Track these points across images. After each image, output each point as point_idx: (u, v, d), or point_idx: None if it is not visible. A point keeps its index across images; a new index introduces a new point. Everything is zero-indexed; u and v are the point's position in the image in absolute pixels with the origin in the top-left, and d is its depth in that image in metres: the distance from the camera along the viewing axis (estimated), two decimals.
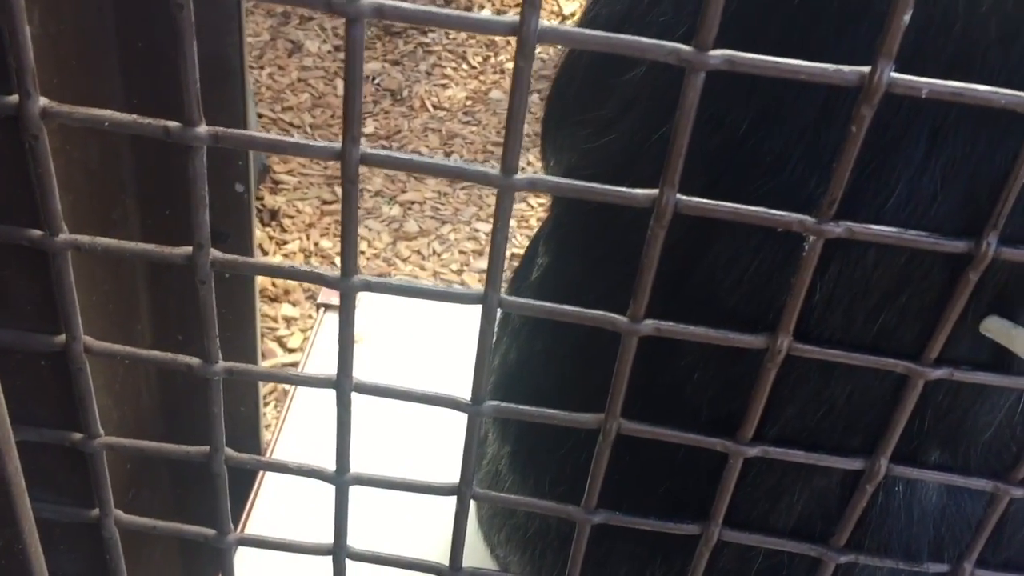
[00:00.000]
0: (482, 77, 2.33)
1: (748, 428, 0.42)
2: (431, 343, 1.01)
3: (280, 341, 1.70)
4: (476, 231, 1.95)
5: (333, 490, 0.47)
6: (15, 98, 0.35)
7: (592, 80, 0.49)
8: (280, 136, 0.34)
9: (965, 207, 0.38)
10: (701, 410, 0.46)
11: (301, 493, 0.86)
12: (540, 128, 0.58)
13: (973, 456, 0.44)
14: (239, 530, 0.86)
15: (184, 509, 0.89)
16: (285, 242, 1.88)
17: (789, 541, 0.47)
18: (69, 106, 0.35)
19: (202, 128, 0.35)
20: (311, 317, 1.74)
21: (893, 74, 0.31)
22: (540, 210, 2.06)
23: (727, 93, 0.40)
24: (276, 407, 1.57)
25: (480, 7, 2.53)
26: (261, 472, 0.90)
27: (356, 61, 0.33)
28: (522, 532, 0.58)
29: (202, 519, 0.50)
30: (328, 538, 0.49)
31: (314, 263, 1.86)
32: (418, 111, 2.20)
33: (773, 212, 0.35)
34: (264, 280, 1.70)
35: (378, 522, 0.84)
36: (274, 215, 1.91)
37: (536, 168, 1.90)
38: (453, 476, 0.45)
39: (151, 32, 0.60)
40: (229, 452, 0.46)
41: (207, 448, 0.46)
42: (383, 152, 0.35)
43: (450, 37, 2.40)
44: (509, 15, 0.33)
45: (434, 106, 2.21)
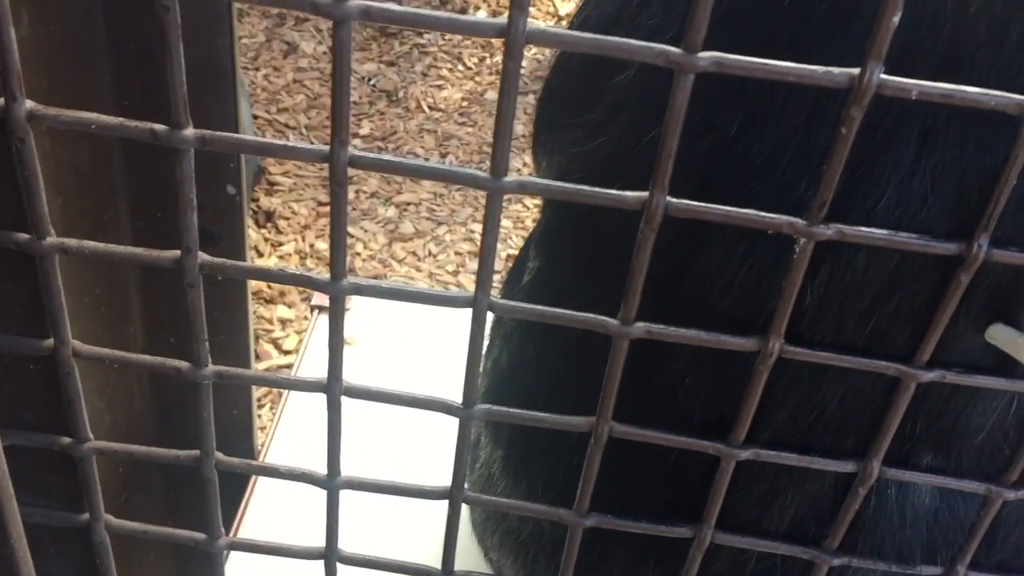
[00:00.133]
0: (478, 78, 2.33)
1: (740, 431, 0.42)
2: (424, 345, 1.00)
3: (275, 343, 1.70)
4: (472, 232, 1.94)
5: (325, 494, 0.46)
6: (1, 101, 0.34)
7: (582, 83, 0.49)
8: (269, 139, 0.34)
9: (956, 209, 0.38)
10: (693, 413, 0.46)
11: (295, 496, 0.86)
12: (532, 130, 0.58)
13: (966, 459, 0.44)
14: (232, 533, 0.86)
15: (177, 512, 0.88)
16: (280, 243, 1.88)
17: (782, 544, 0.47)
18: (56, 109, 0.35)
19: (189, 131, 0.34)
20: (306, 319, 1.74)
21: (883, 76, 0.31)
22: (536, 211, 2.06)
23: (717, 96, 0.40)
24: (271, 409, 1.57)
25: (476, 8, 2.53)
26: (254, 475, 0.90)
27: (344, 63, 0.33)
28: (515, 536, 0.58)
29: (195, 522, 0.49)
30: (321, 541, 0.49)
31: (309, 264, 1.85)
32: (414, 112, 2.20)
33: (763, 215, 0.35)
34: (259, 282, 1.70)
35: (372, 525, 0.84)
36: (269, 217, 1.90)
37: (532, 170, 1.90)
38: (446, 479, 0.45)
39: (141, 33, 0.60)
40: (219, 456, 0.46)
41: (197, 452, 0.45)
42: (371, 155, 0.35)
43: (446, 38, 2.40)
44: (497, 17, 0.33)
45: (430, 107, 2.21)
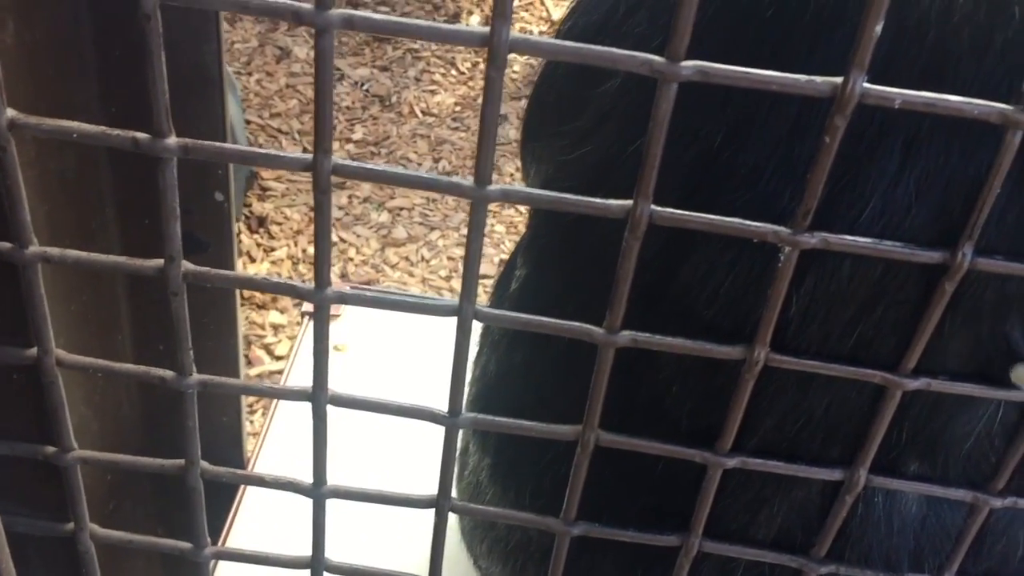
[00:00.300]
0: (471, 83, 2.33)
1: (727, 439, 0.42)
2: (416, 351, 1.00)
3: (267, 348, 1.70)
4: (465, 237, 1.94)
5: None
6: None
7: (569, 91, 0.49)
8: (253, 147, 0.34)
9: (940, 218, 0.38)
10: (680, 422, 0.46)
11: (284, 503, 0.85)
12: (520, 138, 0.58)
13: (952, 466, 0.44)
14: (222, 540, 0.85)
15: (167, 519, 0.88)
16: (273, 249, 1.88)
17: (769, 552, 0.47)
18: (37, 118, 0.35)
19: (172, 139, 0.34)
20: (299, 324, 1.73)
21: (866, 85, 0.31)
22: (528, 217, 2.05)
23: (702, 105, 0.40)
24: (264, 415, 1.56)
25: (469, 13, 2.53)
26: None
27: (326, 72, 0.33)
28: (503, 544, 0.58)
29: (186, 529, 0.49)
30: (310, 550, 0.48)
31: (302, 270, 1.85)
32: (407, 117, 2.20)
33: (747, 223, 0.35)
34: None
35: (361, 534, 0.84)
36: (262, 222, 1.90)
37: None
38: (435, 487, 0.45)
39: (128, 41, 0.59)
40: (205, 465, 0.46)
41: (182, 461, 0.45)
42: (354, 163, 0.35)
43: (439, 43, 2.40)
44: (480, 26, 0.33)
45: (423, 112, 2.21)
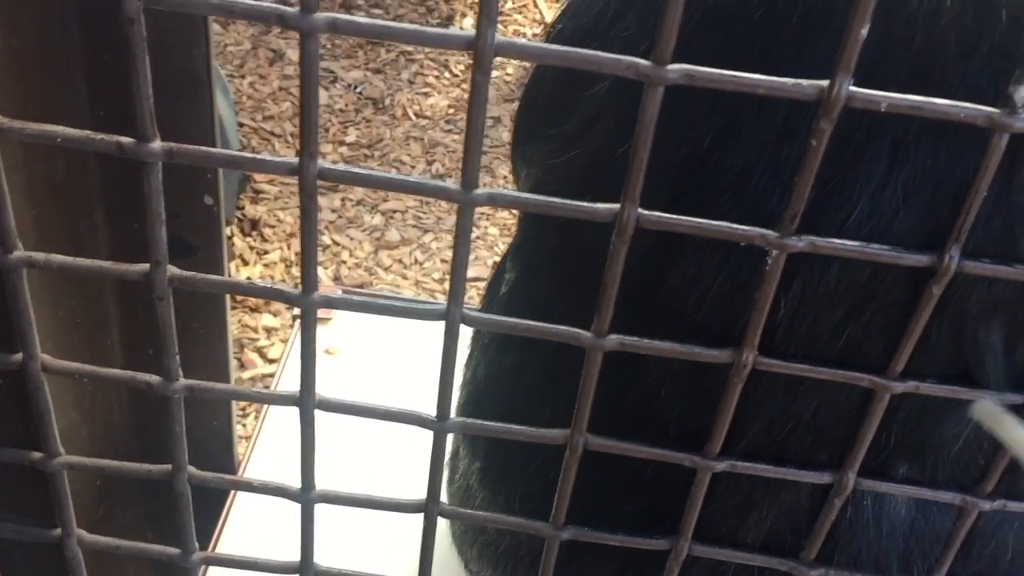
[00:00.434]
0: (464, 85, 2.33)
1: (715, 443, 0.42)
2: (408, 355, 1.00)
3: (260, 352, 1.69)
4: None
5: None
6: None
7: (558, 94, 0.49)
8: (237, 152, 0.34)
9: (927, 221, 0.38)
10: (669, 426, 0.46)
11: (276, 507, 0.85)
12: (510, 141, 0.58)
13: (941, 469, 0.44)
14: (213, 544, 0.85)
15: (158, 524, 0.88)
16: (266, 252, 1.87)
17: (759, 555, 0.46)
18: (21, 122, 0.35)
19: (156, 144, 0.34)
20: (291, 327, 1.73)
21: (852, 88, 0.31)
22: None
23: (690, 108, 0.40)
24: (256, 418, 1.56)
25: (462, 15, 2.53)
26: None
27: (311, 76, 0.33)
28: (493, 548, 0.58)
29: (177, 534, 0.49)
30: (299, 554, 0.48)
31: (295, 273, 1.85)
32: (400, 119, 2.20)
33: (735, 226, 0.35)
34: None
35: (351, 538, 0.83)
36: (255, 225, 1.90)
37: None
38: (425, 491, 0.44)
39: (116, 45, 0.59)
40: (192, 470, 0.45)
41: (170, 467, 0.45)
42: (340, 167, 0.35)
43: (424, 47, 2.40)
44: (466, 29, 0.32)
45: (416, 114, 2.21)
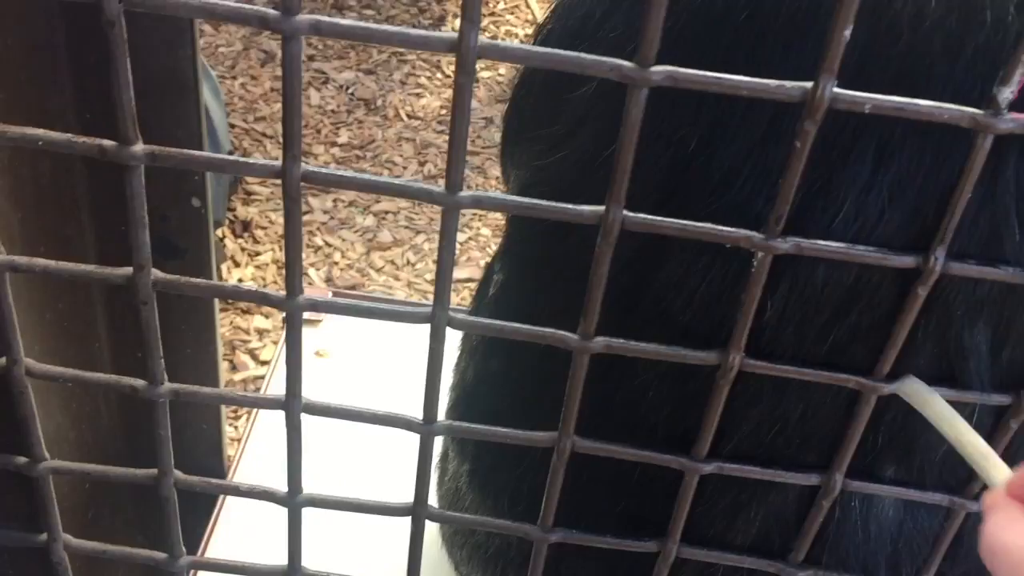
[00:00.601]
0: None
1: (703, 445, 0.42)
2: (398, 357, 1.00)
3: (252, 353, 1.69)
4: None
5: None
6: None
7: (546, 95, 0.49)
8: (220, 155, 0.34)
9: (913, 222, 0.38)
10: (657, 428, 0.46)
11: (265, 510, 0.85)
12: (500, 142, 0.57)
13: (928, 471, 0.44)
14: (202, 548, 0.85)
15: (148, 528, 0.87)
16: (258, 253, 1.87)
17: (747, 557, 0.46)
18: (2, 125, 0.34)
19: (138, 147, 0.34)
20: (284, 329, 1.73)
21: (836, 89, 0.31)
22: None
23: (676, 110, 0.40)
24: (247, 420, 1.56)
25: (455, 16, 2.53)
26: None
27: (294, 78, 0.32)
28: (483, 550, 0.57)
29: (166, 538, 0.48)
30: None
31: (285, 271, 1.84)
32: (392, 120, 2.19)
33: (720, 228, 0.35)
34: None
35: (341, 541, 0.83)
36: (246, 226, 1.89)
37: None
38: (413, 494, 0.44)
39: (102, 47, 0.59)
40: (178, 475, 0.45)
41: (155, 471, 0.45)
42: (324, 170, 0.35)
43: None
44: (449, 31, 0.32)
45: (408, 115, 2.21)
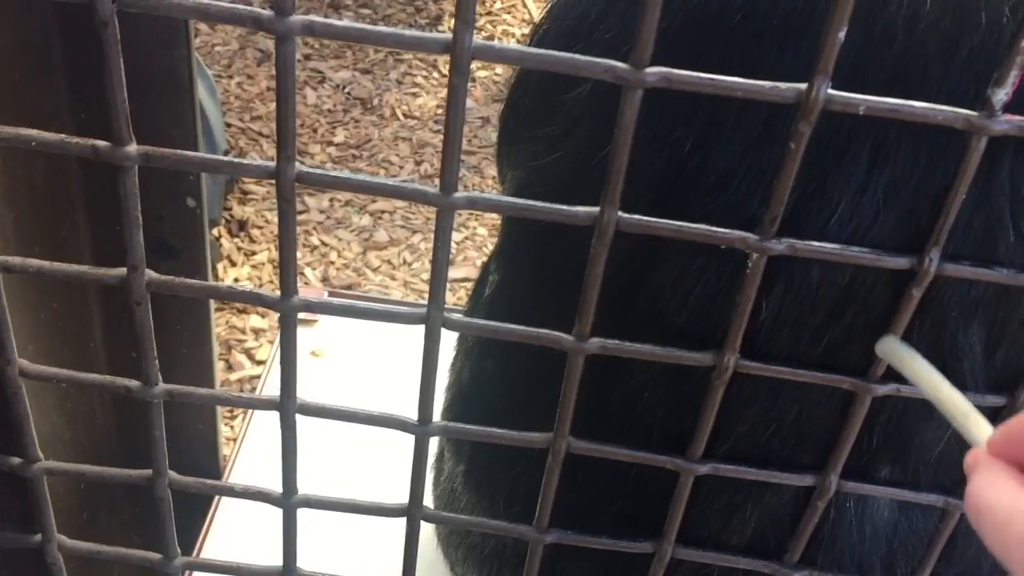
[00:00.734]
0: None
1: (698, 446, 0.42)
2: (394, 357, 1.00)
3: (248, 353, 1.68)
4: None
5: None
6: None
7: (542, 96, 0.48)
8: (215, 155, 0.34)
9: (907, 224, 0.38)
10: (653, 428, 0.46)
11: (261, 510, 0.85)
12: (496, 142, 0.57)
13: (923, 471, 0.44)
14: (198, 548, 0.84)
15: (143, 528, 0.87)
16: (254, 252, 1.86)
17: (743, 558, 0.46)
18: None
19: (132, 147, 0.34)
20: (279, 329, 1.72)
21: (830, 91, 0.31)
22: None
23: (671, 111, 0.40)
24: (243, 419, 1.55)
25: (451, 16, 2.53)
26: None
27: (287, 78, 0.32)
28: (479, 551, 0.57)
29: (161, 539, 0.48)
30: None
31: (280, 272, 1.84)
32: (388, 120, 2.19)
33: (715, 229, 0.35)
34: None
35: (336, 541, 0.83)
36: (243, 226, 1.89)
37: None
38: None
39: (97, 48, 0.59)
40: (173, 475, 0.45)
41: (149, 472, 0.45)
42: (318, 171, 0.35)
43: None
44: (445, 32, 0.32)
45: (405, 115, 2.21)
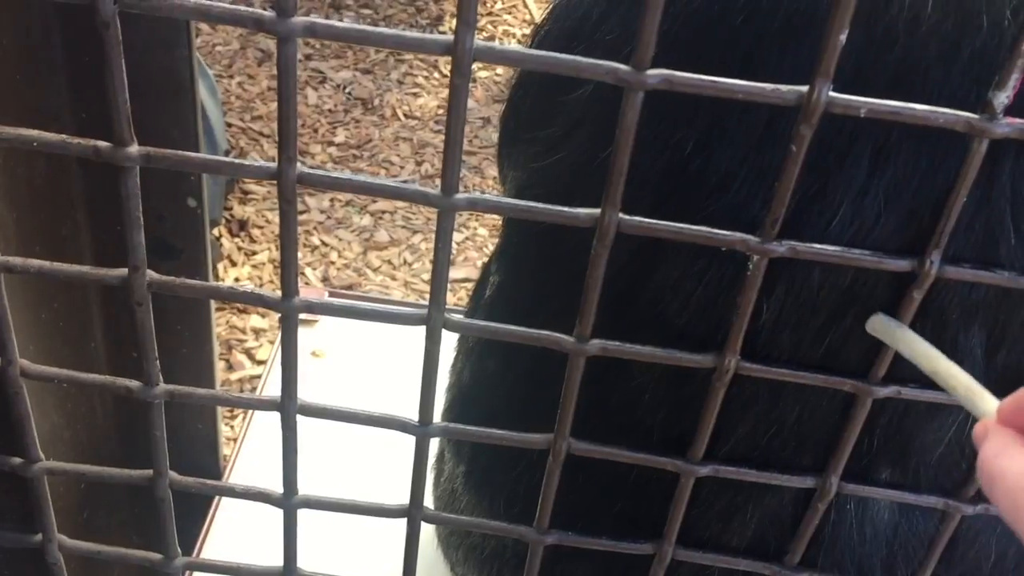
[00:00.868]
0: None
1: (699, 447, 0.42)
2: (395, 357, 1.00)
3: (248, 353, 1.68)
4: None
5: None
6: None
7: (543, 97, 0.48)
8: (216, 156, 0.34)
9: (908, 226, 0.38)
10: (653, 430, 0.46)
11: (261, 510, 0.85)
12: (497, 143, 0.57)
13: (924, 474, 0.44)
14: (198, 548, 0.84)
15: (143, 528, 0.87)
16: (254, 252, 1.87)
17: (743, 559, 0.46)
18: None
19: (133, 148, 0.34)
20: (280, 328, 1.73)
21: (831, 93, 0.31)
22: None
23: (672, 113, 0.40)
24: (243, 419, 1.55)
25: (452, 16, 2.53)
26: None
27: (289, 80, 0.32)
28: (479, 551, 0.57)
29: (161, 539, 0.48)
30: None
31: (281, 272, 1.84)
32: (389, 120, 2.19)
33: (716, 231, 0.35)
34: None
35: (337, 542, 0.83)
36: (243, 225, 1.89)
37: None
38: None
39: (98, 48, 0.59)
40: (174, 476, 0.45)
41: (150, 472, 0.45)
42: (320, 172, 0.35)
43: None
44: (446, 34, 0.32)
45: (405, 115, 2.21)
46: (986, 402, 0.34)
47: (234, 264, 1.82)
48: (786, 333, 0.41)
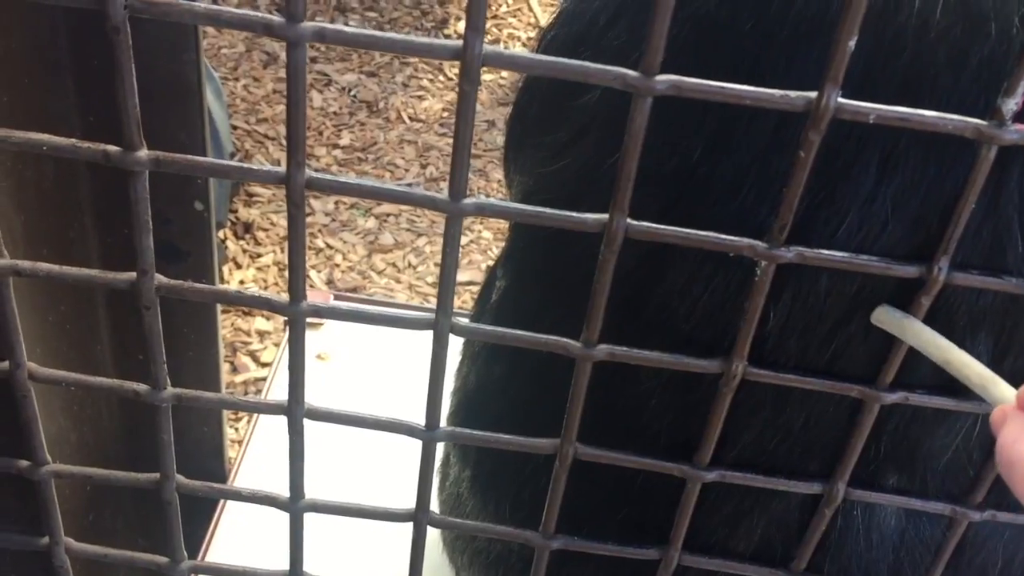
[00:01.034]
0: None
1: (705, 453, 0.42)
2: (399, 361, 1.00)
3: (253, 355, 1.69)
4: None
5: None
6: None
7: (550, 102, 0.48)
8: (225, 160, 0.34)
9: (916, 232, 0.38)
10: (660, 435, 0.46)
11: (266, 514, 0.85)
12: (504, 148, 0.57)
13: (931, 480, 0.44)
14: (203, 552, 0.84)
15: (148, 531, 0.87)
16: (259, 255, 1.87)
17: (749, 565, 0.46)
18: (5, 130, 0.34)
19: (143, 152, 0.34)
20: (285, 331, 1.73)
21: (840, 99, 0.31)
22: None
23: (680, 118, 0.40)
24: (249, 422, 1.55)
25: (457, 19, 2.53)
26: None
27: (299, 85, 0.32)
28: (484, 556, 0.57)
29: (167, 542, 0.48)
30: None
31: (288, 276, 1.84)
32: (394, 123, 2.19)
33: (724, 237, 0.35)
34: None
35: (343, 545, 0.83)
36: (248, 228, 1.89)
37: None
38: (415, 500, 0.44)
39: (105, 51, 0.59)
40: (180, 479, 0.45)
41: (157, 475, 0.45)
42: (328, 177, 0.35)
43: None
44: (453, 39, 0.32)
45: (410, 118, 2.21)
46: (1000, 388, 0.33)
47: (239, 266, 1.82)
48: (793, 339, 0.41)
